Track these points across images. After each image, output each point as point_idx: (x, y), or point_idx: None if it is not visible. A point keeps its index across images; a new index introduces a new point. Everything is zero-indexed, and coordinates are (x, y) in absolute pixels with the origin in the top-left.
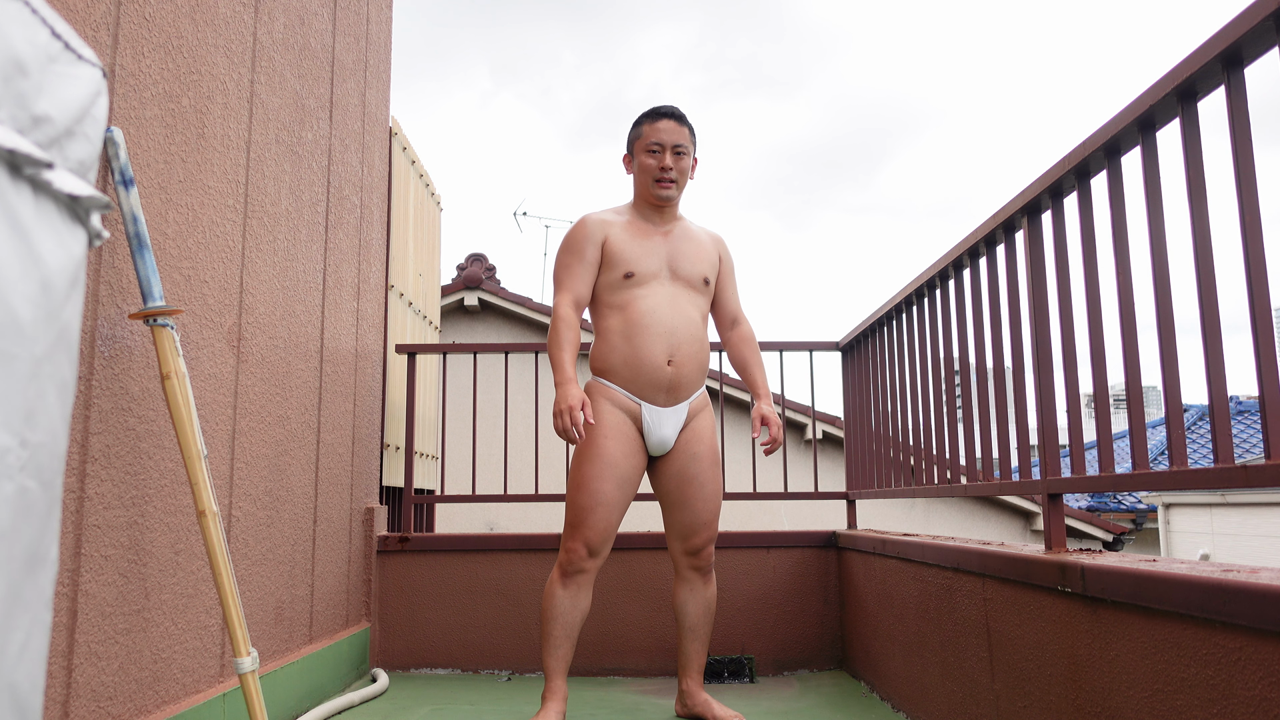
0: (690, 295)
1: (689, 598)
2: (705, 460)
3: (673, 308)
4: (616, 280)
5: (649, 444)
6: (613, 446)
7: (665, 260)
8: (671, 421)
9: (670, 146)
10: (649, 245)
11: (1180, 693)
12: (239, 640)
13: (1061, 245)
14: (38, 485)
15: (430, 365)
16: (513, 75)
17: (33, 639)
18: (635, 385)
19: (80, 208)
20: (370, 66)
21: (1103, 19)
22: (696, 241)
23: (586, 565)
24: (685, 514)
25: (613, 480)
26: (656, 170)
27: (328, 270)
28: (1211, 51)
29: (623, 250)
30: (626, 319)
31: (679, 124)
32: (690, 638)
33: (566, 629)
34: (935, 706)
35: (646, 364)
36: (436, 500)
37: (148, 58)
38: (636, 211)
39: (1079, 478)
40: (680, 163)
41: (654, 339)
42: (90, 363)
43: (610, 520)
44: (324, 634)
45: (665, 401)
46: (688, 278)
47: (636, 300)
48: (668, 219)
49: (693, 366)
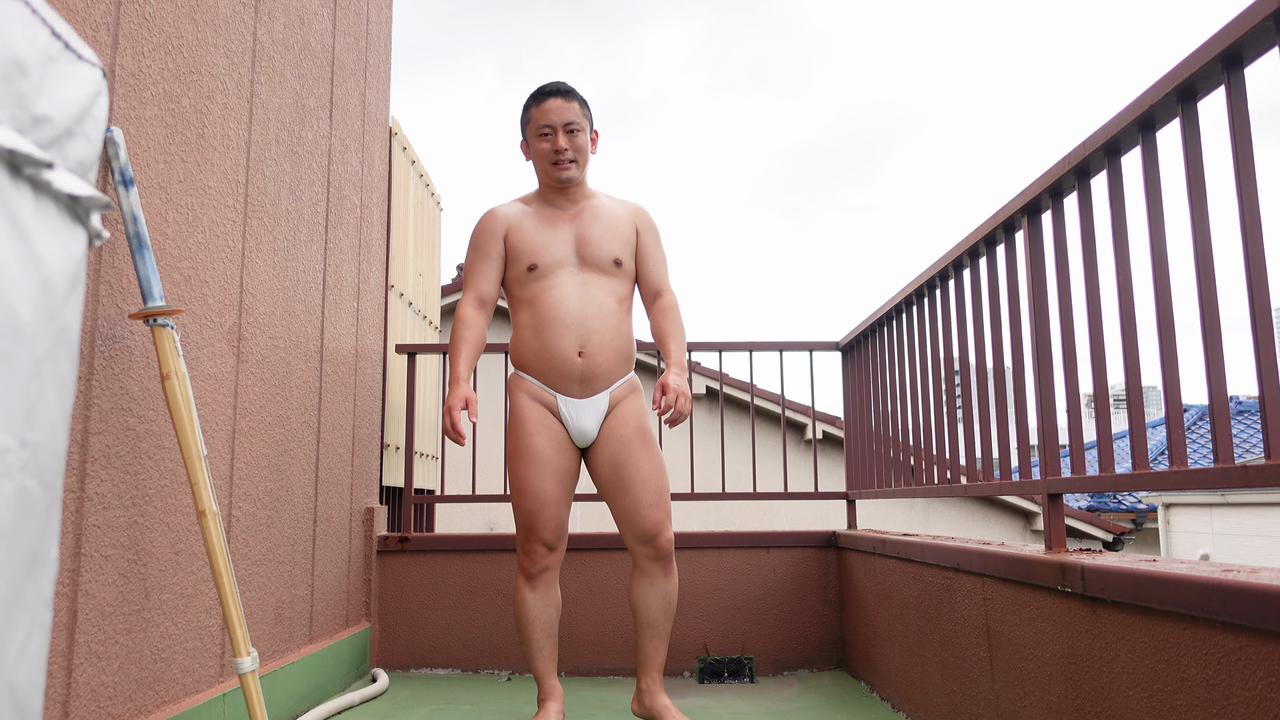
0: (602, 280)
1: (648, 591)
2: (634, 443)
3: (582, 296)
4: (521, 274)
5: (571, 435)
6: (542, 443)
7: (572, 247)
8: (590, 413)
9: (561, 126)
10: (553, 234)
11: (1180, 693)
12: (239, 640)
13: (1061, 245)
14: (38, 485)
15: (430, 365)
16: (519, 73)
17: (33, 639)
18: (548, 378)
19: (80, 208)
20: (370, 66)
21: (1103, 19)
22: (608, 220)
23: (548, 562)
24: (626, 498)
25: (550, 477)
26: (551, 154)
27: (328, 270)
28: (1211, 51)
29: (526, 242)
30: (534, 312)
31: (566, 99)
32: (649, 634)
33: (544, 628)
34: (935, 706)
35: (556, 357)
36: (436, 500)
37: (148, 58)
38: (542, 198)
39: (1079, 478)
40: (575, 140)
41: (562, 331)
42: (90, 363)
43: (559, 515)
44: (324, 634)
45: (580, 393)
46: (596, 262)
47: (543, 293)
48: (575, 199)
49: (607, 355)
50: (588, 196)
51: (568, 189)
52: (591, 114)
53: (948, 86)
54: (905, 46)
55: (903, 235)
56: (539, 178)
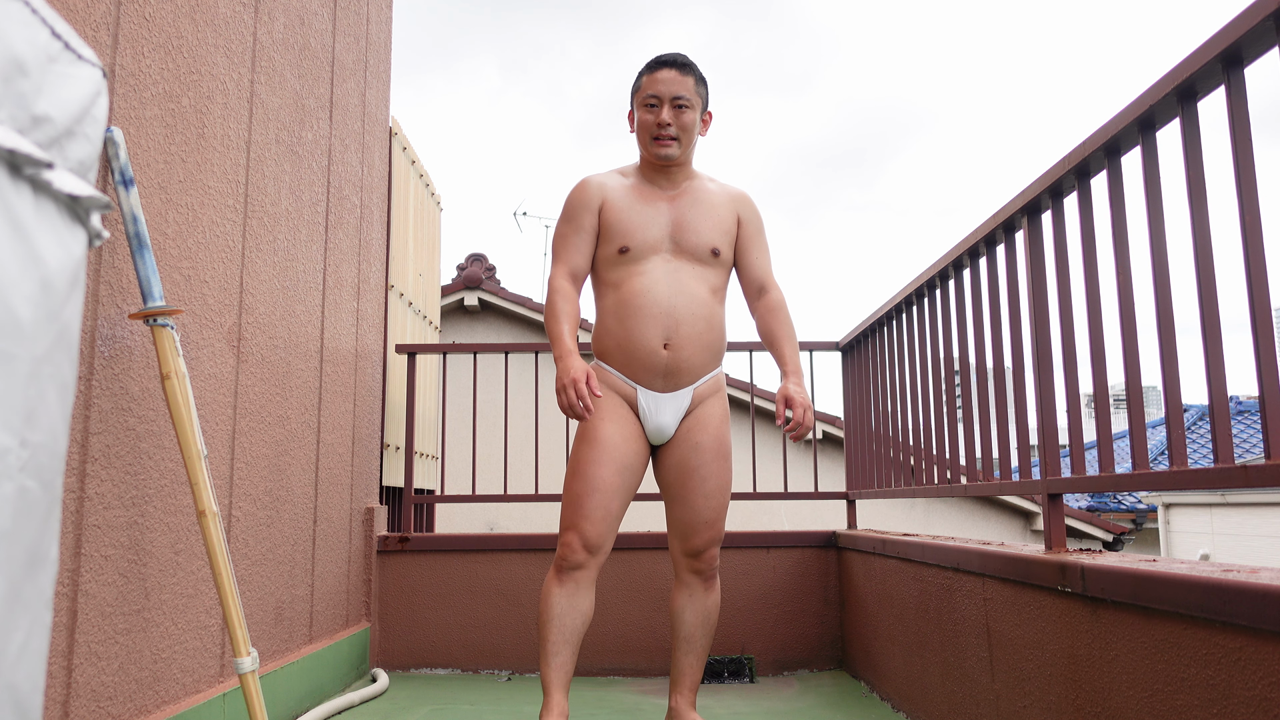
0: (696, 269)
1: (686, 604)
2: (708, 451)
3: (673, 285)
4: (612, 255)
5: (647, 431)
6: (611, 429)
7: (668, 230)
8: (670, 408)
9: (669, 99)
10: (650, 214)
11: (1180, 693)
12: (239, 640)
13: (1061, 245)
14: (38, 485)
15: (430, 365)
16: (522, 71)
17: (33, 639)
18: (630, 369)
19: (80, 208)
20: (370, 66)
21: (1103, 19)
22: (708, 206)
23: (583, 560)
24: (684, 510)
25: (611, 465)
26: (653, 126)
27: (328, 270)
28: (1211, 51)
29: (619, 220)
30: (620, 298)
31: (682, 73)
32: (685, 649)
33: (564, 634)
34: (935, 706)
35: (640, 348)
36: (436, 500)
37: (148, 58)
38: (641, 174)
39: (1079, 478)
40: (682, 117)
41: (648, 320)
42: (90, 363)
43: (609, 508)
44: (324, 634)
45: (663, 387)
46: (693, 250)
47: (632, 277)
48: (676, 180)
49: (695, 349)
50: (689, 178)
51: (668, 167)
52: (708, 93)
53: (951, 86)
54: (909, 46)
55: (904, 235)
56: (640, 150)
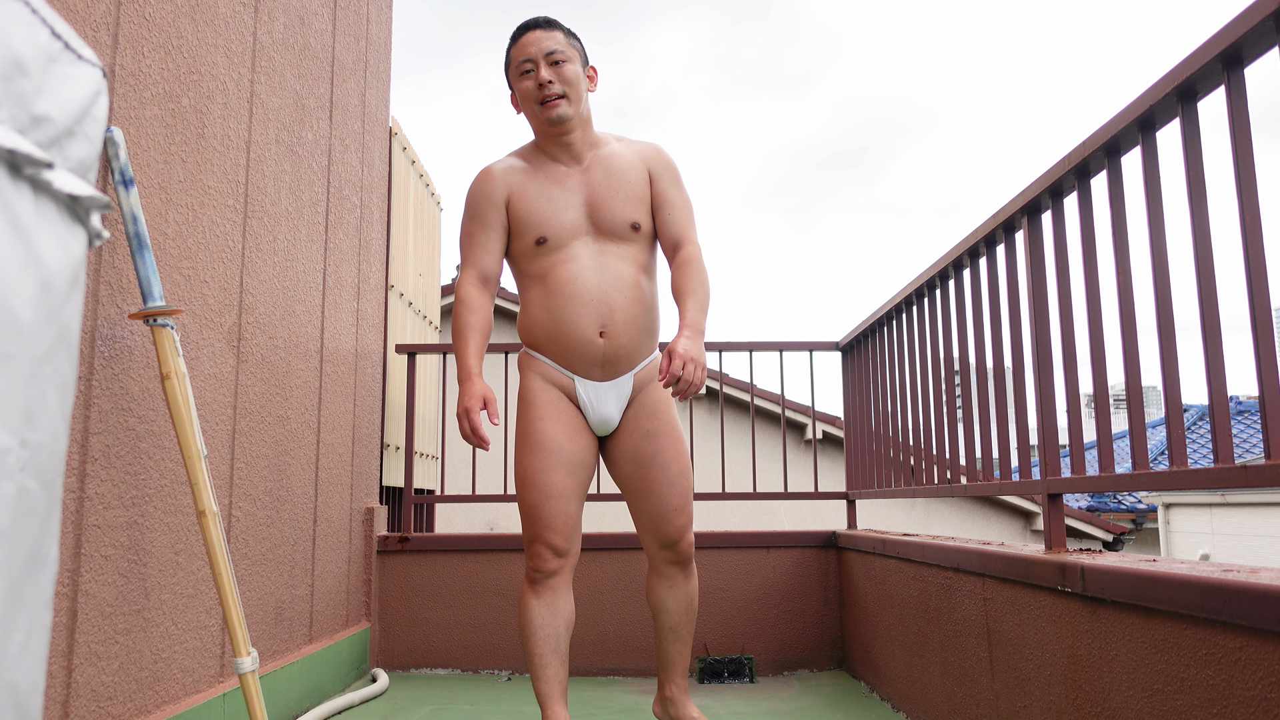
0: (620, 249)
1: (668, 594)
2: (662, 436)
3: (600, 270)
4: (529, 247)
5: (590, 423)
6: (553, 429)
7: (583, 211)
8: (612, 397)
9: (542, 57)
10: (561, 196)
11: (1180, 693)
12: (239, 640)
13: (1061, 245)
14: (38, 485)
15: (430, 365)
16: None
17: (33, 639)
18: (565, 359)
19: (80, 208)
20: (370, 66)
21: (1103, 19)
22: (620, 174)
23: (554, 566)
24: (650, 501)
25: (560, 468)
26: (535, 90)
27: (328, 270)
28: (1211, 51)
29: (531, 210)
30: (547, 289)
31: (548, 29)
32: (671, 639)
33: (550, 644)
34: (935, 706)
35: (574, 338)
36: (436, 500)
37: (148, 58)
38: (541, 151)
39: (1079, 478)
40: (562, 71)
41: (580, 309)
42: (90, 363)
43: (568, 512)
44: (324, 634)
45: (601, 376)
46: (611, 228)
47: (556, 266)
48: (579, 150)
49: (632, 334)
50: (594, 145)
51: (566, 135)
52: (583, 46)
53: (951, 86)
54: (910, 46)
55: (905, 235)
56: (533, 128)
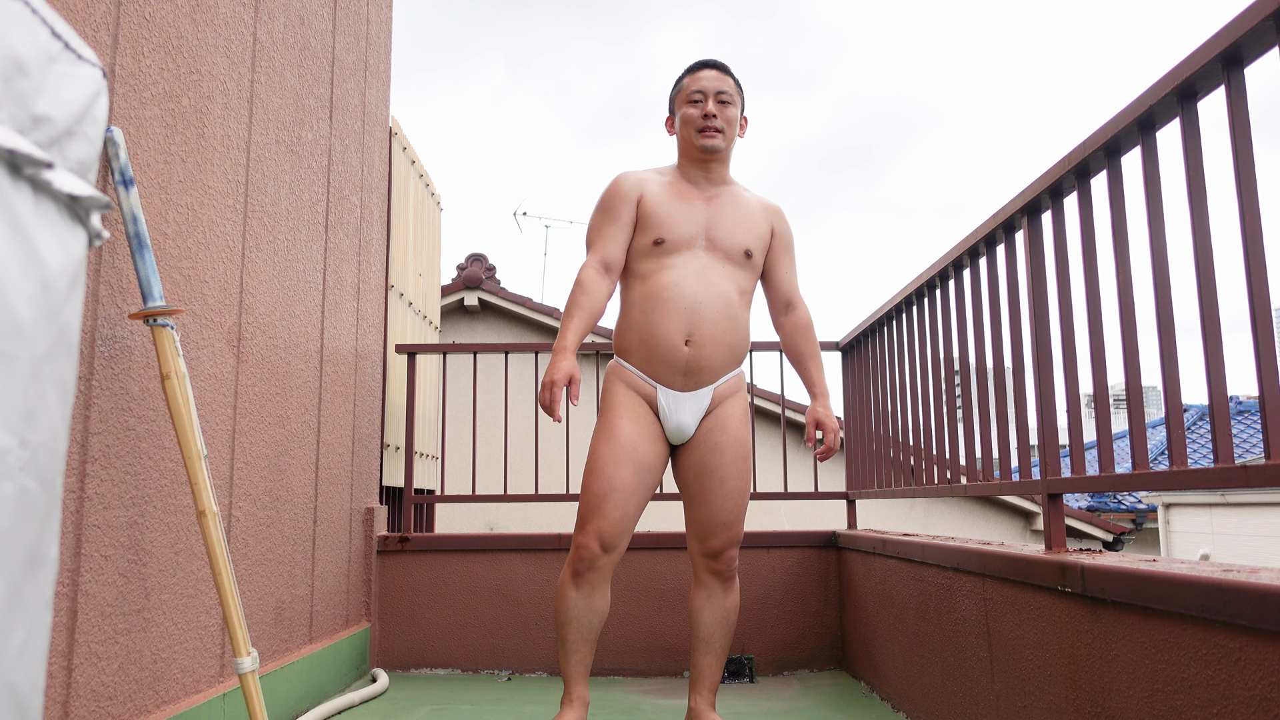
0: (727, 268)
1: (705, 605)
2: (728, 452)
3: (702, 280)
4: (646, 246)
5: (666, 431)
6: (630, 429)
7: (703, 227)
8: (690, 408)
9: (713, 93)
10: (687, 209)
11: (1180, 693)
12: (239, 640)
13: (1061, 245)
14: (38, 485)
15: (430, 365)
16: (527, 70)
17: (33, 639)
18: (649, 366)
19: (80, 208)
20: (370, 66)
21: (1103, 19)
22: (745, 209)
23: (600, 562)
24: (702, 511)
25: (630, 465)
26: (699, 119)
27: (328, 270)
28: (1211, 51)
29: (657, 212)
30: (647, 290)
31: (722, 73)
32: (703, 649)
33: (583, 632)
34: (935, 706)
35: (661, 343)
36: (436, 500)
37: (148, 58)
38: (680, 173)
39: (1079, 478)
40: (726, 111)
41: (672, 315)
42: (90, 363)
43: (626, 509)
44: (324, 634)
45: (683, 385)
46: (726, 248)
47: (662, 270)
48: (715, 181)
49: (717, 348)
50: (727, 182)
51: (709, 165)
52: (744, 98)
53: (954, 85)
54: (913, 45)
55: (907, 234)
56: (681, 149)
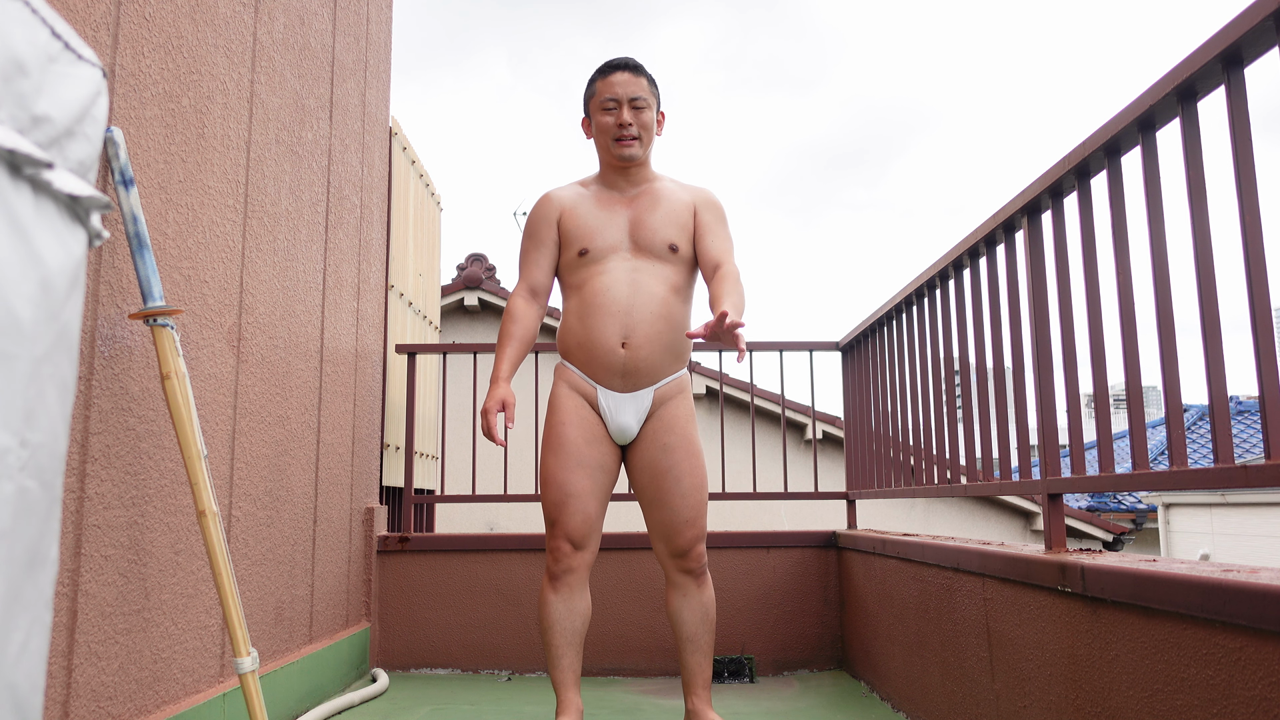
0: (655, 267)
1: (683, 604)
2: (678, 451)
3: (632, 284)
4: (573, 259)
5: (610, 431)
6: (574, 433)
7: (625, 231)
8: (630, 409)
9: (627, 100)
10: (608, 217)
11: (1180, 693)
12: (239, 640)
13: (1061, 245)
14: (38, 485)
15: (430, 365)
16: (530, 68)
17: (33, 639)
18: (590, 368)
19: (80, 208)
20: (370, 66)
21: (1103, 19)
22: (667, 204)
23: (573, 563)
24: (663, 512)
25: (580, 469)
26: (614, 128)
27: (328, 270)
28: (1211, 51)
29: (578, 226)
30: (582, 299)
31: (634, 74)
32: (690, 649)
33: (567, 636)
34: (935, 706)
35: (598, 347)
36: (436, 500)
37: (148, 58)
38: (601, 180)
39: (1079, 478)
40: (641, 117)
41: (606, 319)
42: (90, 363)
43: (587, 510)
44: (324, 634)
45: (622, 387)
46: (650, 246)
47: (592, 278)
48: (636, 181)
49: (654, 349)
50: (649, 179)
51: (629, 169)
52: (660, 93)
53: (956, 85)
54: (915, 46)
55: (908, 235)
56: (599, 156)
